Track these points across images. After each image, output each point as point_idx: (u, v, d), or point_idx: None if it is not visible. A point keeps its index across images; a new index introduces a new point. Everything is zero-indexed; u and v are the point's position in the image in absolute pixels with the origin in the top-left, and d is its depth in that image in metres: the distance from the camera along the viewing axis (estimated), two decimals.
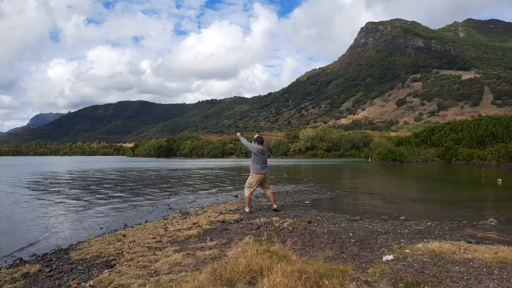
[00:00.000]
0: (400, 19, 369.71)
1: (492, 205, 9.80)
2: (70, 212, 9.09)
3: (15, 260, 4.90)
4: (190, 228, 6.26)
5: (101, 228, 7.04)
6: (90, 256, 4.74)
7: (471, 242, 4.91)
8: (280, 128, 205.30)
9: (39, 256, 5.09)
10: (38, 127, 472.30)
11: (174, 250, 4.77)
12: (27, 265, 4.50)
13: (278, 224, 6.43)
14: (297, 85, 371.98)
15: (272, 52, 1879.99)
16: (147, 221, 7.47)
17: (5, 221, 7.99)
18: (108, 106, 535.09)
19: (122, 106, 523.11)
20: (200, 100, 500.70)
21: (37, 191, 14.24)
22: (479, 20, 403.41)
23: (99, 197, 12.10)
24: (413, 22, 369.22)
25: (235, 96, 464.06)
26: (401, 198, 10.95)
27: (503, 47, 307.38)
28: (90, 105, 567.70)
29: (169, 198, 11.64)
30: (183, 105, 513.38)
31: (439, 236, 5.41)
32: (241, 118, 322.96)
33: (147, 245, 5.14)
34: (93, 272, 4.01)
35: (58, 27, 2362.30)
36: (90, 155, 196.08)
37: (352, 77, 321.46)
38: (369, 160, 56.92)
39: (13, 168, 38.68)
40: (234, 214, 7.66)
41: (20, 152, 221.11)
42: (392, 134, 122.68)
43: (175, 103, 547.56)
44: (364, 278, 3.35)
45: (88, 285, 3.53)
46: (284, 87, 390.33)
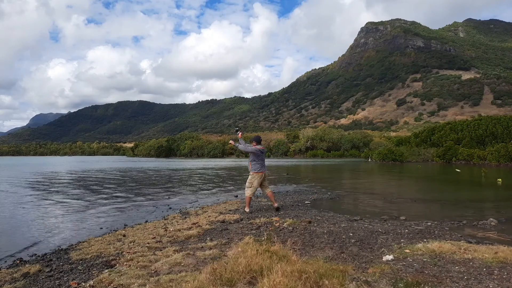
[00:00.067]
0: (400, 19, 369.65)
1: (492, 205, 9.80)
2: (70, 212, 9.09)
3: (15, 260, 4.90)
4: (190, 228, 6.26)
5: (101, 228, 7.05)
6: (90, 256, 4.74)
7: (471, 242, 4.91)
8: (280, 128, 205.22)
9: (39, 256, 5.09)
10: (38, 127, 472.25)
11: (174, 250, 4.77)
12: (27, 265, 4.50)
13: (278, 224, 6.43)
14: (297, 85, 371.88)
15: (272, 52, 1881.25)
16: (147, 221, 7.47)
17: (5, 221, 7.99)
18: (108, 106, 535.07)
19: (122, 106, 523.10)
20: (200, 100, 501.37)
21: (37, 191, 14.24)
22: (479, 20, 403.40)
23: (99, 197, 12.10)
24: (413, 22, 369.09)
25: (235, 96, 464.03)
26: (401, 198, 10.95)
27: (503, 47, 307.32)
28: (90, 105, 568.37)
29: (169, 198, 11.63)
30: (183, 105, 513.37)
31: (439, 236, 5.41)
32: (241, 118, 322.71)
33: (147, 245, 5.14)
34: (93, 272, 4.02)
35: (58, 27, 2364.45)
36: (90, 155, 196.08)
37: (352, 77, 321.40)
38: (369, 160, 56.89)
39: (13, 168, 38.67)
40: (234, 214, 7.67)
41: (20, 152, 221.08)
42: (392, 134, 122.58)
43: (175, 103, 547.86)
44: (364, 278, 3.35)
45: (88, 285, 3.53)
46: (284, 87, 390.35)
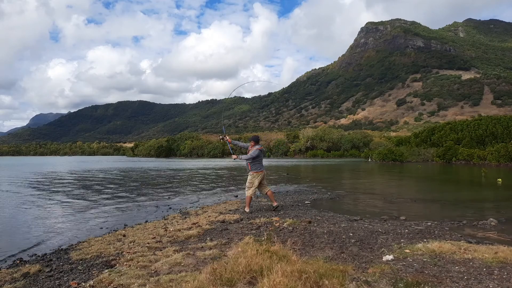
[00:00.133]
0: (400, 19, 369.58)
1: (492, 205, 9.80)
2: (70, 212, 9.10)
3: (15, 260, 4.91)
4: (190, 228, 6.26)
5: (101, 228, 7.05)
6: (90, 256, 4.74)
7: (471, 242, 4.91)
8: (280, 128, 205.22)
9: (39, 256, 5.09)
10: (38, 127, 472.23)
11: (174, 250, 4.77)
12: (27, 265, 4.50)
13: (278, 224, 6.43)
14: (297, 85, 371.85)
15: (272, 52, 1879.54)
16: (147, 221, 7.47)
17: (5, 221, 7.99)
18: (108, 106, 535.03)
19: (122, 106, 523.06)
20: (200, 100, 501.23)
21: (37, 191, 14.24)
22: (479, 20, 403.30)
23: (99, 197, 12.10)
24: (413, 22, 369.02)
25: (235, 96, 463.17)
26: (401, 198, 10.95)
27: (503, 47, 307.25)
28: (90, 105, 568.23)
29: (169, 198, 11.64)
30: (183, 105, 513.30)
31: (439, 236, 5.40)
32: (241, 118, 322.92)
33: (147, 245, 5.14)
34: (93, 272, 4.01)
35: (58, 27, 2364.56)
36: (90, 155, 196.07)
37: (352, 77, 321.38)
38: (369, 160, 56.89)
39: (13, 168, 38.67)
40: (234, 214, 7.67)
41: (20, 152, 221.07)
42: (392, 134, 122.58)
43: (175, 103, 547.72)
44: (364, 278, 3.35)
45: (88, 285, 3.53)
46: (284, 87, 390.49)
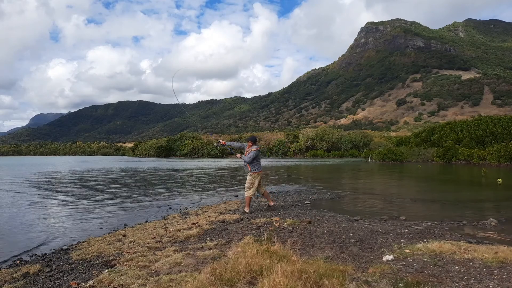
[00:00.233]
0: (400, 19, 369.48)
1: (492, 205, 9.80)
2: (70, 212, 9.10)
3: (15, 260, 4.91)
4: (190, 228, 6.26)
5: (101, 228, 7.05)
6: (90, 256, 4.74)
7: (471, 242, 4.91)
8: (280, 128, 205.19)
9: (39, 256, 5.09)
10: (38, 127, 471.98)
11: (174, 250, 4.77)
12: (27, 265, 4.50)
13: (278, 224, 6.43)
14: (297, 85, 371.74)
15: (272, 52, 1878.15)
16: (147, 221, 7.48)
17: (5, 221, 7.99)
18: (108, 106, 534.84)
19: (122, 106, 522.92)
20: (200, 100, 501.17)
21: (37, 191, 14.24)
22: (479, 20, 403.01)
23: (99, 197, 12.10)
24: (413, 22, 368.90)
25: (235, 96, 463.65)
26: (401, 198, 10.95)
27: (503, 47, 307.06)
28: (90, 105, 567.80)
29: (169, 198, 11.64)
30: (183, 105, 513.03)
31: (439, 236, 5.41)
32: (241, 118, 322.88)
33: (147, 245, 5.14)
34: (93, 272, 4.02)
35: (58, 27, 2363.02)
36: (90, 155, 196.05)
37: (352, 77, 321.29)
38: (369, 160, 56.89)
39: (14, 168, 38.67)
40: (234, 214, 7.67)
41: (20, 152, 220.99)
42: (392, 134, 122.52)
43: (175, 103, 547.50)
44: (364, 278, 3.35)
45: (88, 285, 3.53)
46: (284, 87, 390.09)
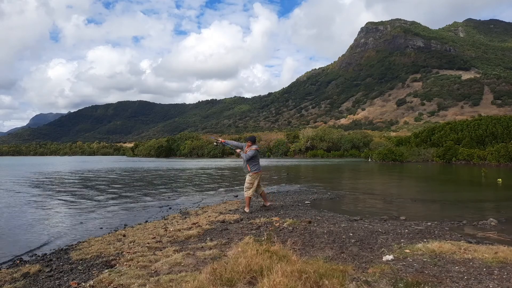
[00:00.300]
0: (400, 19, 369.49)
1: (492, 205, 9.80)
2: (70, 212, 9.09)
3: (15, 260, 4.91)
4: (190, 228, 6.26)
5: (101, 228, 7.05)
6: (90, 256, 4.74)
7: (471, 242, 4.91)
8: (280, 128, 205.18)
9: (39, 256, 5.09)
10: (38, 127, 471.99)
11: (174, 250, 4.77)
12: (27, 265, 4.50)
13: (278, 224, 6.43)
14: (297, 85, 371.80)
15: (272, 52, 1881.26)
16: (147, 221, 7.48)
17: (5, 221, 7.99)
18: (108, 106, 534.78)
19: (122, 106, 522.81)
20: (200, 100, 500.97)
21: (37, 192, 14.24)
22: (479, 20, 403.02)
23: (99, 197, 12.10)
24: (413, 22, 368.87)
25: (235, 96, 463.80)
26: (401, 198, 10.95)
27: (503, 47, 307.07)
28: (90, 105, 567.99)
29: (169, 198, 11.63)
30: (183, 105, 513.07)
31: (439, 236, 5.40)
32: (241, 118, 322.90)
33: (147, 245, 5.14)
34: (93, 272, 4.02)
35: (58, 27, 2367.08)
36: (90, 155, 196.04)
37: (352, 77, 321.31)
38: (369, 160, 56.89)
39: (14, 168, 38.66)
40: (234, 214, 7.67)
41: (20, 152, 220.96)
42: (392, 134, 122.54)
43: (175, 103, 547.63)
44: (364, 278, 3.35)
45: (88, 285, 3.53)
46: (284, 87, 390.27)
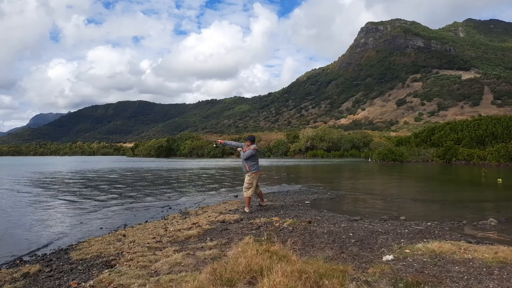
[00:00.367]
0: (400, 19, 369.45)
1: (492, 205, 9.80)
2: (70, 212, 9.10)
3: (15, 260, 4.91)
4: (190, 228, 6.26)
5: (101, 228, 7.05)
6: (90, 256, 4.74)
7: (471, 242, 4.91)
8: (280, 128, 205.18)
9: (39, 256, 5.09)
10: (38, 127, 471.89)
11: (174, 250, 4.77)
12: (27, 265, 4.50)
13: (278, 224, 6.43)
14: (297, 85, 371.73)
15: (272, 52, 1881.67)
16: (147, 221, 7.48)
17: (5, 221, 7.99)
18: (108, 106, 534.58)
19: (122, 106, 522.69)
20: (200, 100, 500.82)
21: (37, 192, 14.24)
22: (479, 20, 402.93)
23: (99, 197, 12.10)
24: (413, 22, 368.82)
25: (235, 96, 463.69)
26: (401, 198, 10.95)
27: (503, 47, 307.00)
28: (90, 105, 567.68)
29: (170, 199, 11.63)
30: (183, 105, 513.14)
31: (439, 236, 5.41)
32: (241, 118, 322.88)
33: (147, 245, 5.14)
34: (93, 272, 4.02)
35: (58, 27, 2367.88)
36: (90, 155, 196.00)
37: (352, 77, 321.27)
38: (369, 160, 56.90)
39: (14, 168, 38.66)
40: (234, 214, 7.67)
41: (20, 152, 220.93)
42: (392, 134, 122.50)
43: (175, 103, 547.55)
44: (364, 278, 3.34)
45: (88, 285, 3.53)
46: (284, 87, 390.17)
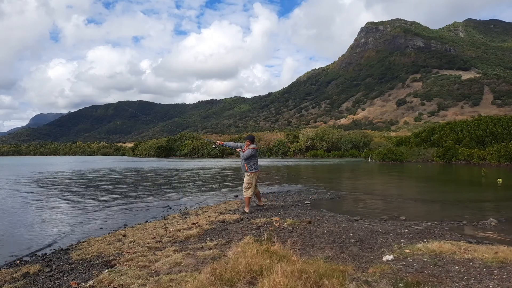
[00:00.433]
0: (400, 19, 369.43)
1: (492, 205, 9.80)
2: (70, 212, 9.09)
3: (15, 260, 4.91)
4: (190, 228, 6.26)
5: (101, 228, 7.05)
6: (90, 256, 4.74)
7: (471, 242, 4.91)
8: (280, 128, 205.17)
9: (39, 256, 5.09)
10: (38, 127, 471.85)
11: (174, 250, 4.77)
12: (27, 265, 4.50)
13: (278, 224, 6.43)
14: (297, 85, 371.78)
15: (272, 52, 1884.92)
16: (147, 221, 7.47)
17: (5, 221, 7.99)
18: (108, 106, 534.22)
19: (122, 106, 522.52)
20: (200, 100, 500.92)
21: (37, 192, 14.23)
22: (479, 20, 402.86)
23: (99, 198, 12.10)
24: (413, 22, 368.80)
25: (235, 96, 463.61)
26: (401, 198, 10.95)
27: (503, 47, 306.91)
28: (90, 105, 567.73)
29: (170, 198, 11.63)
30: (183, 105, 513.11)
31: (439, 236, 5.40)
32: (241, 118, 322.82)
33: (147, 245, 5.14)
34: (93, 272, 4.02)
35: (58, 27, 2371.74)
36: (90, 155, 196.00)
37: (352, 77, 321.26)
38: (369, 160, 56.90)
39: (14, 168, 38.65)
40: (234, 214, 7.67)
41: (20, 152, 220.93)
42: (392, 134, 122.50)
43: (175, 103, 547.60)
44: (364, 278, 3.34)
45: (88, 285, 3.53)
46: (284, 87, 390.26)
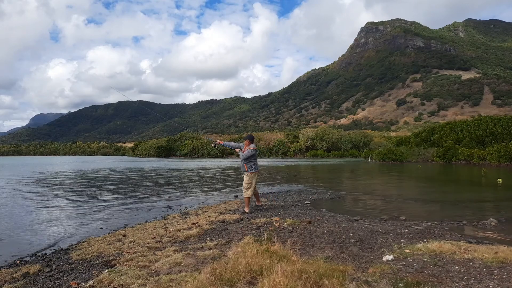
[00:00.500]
0: (400, 19, 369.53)
1: (492, 205, 9.80)
2: (70, 212, 9.09)
3: (15, 260, 4.91)
4: (190, 228, 6.26)
5: (101, 228, 7.05)
6: (90, 256, 4.74)
7: (471, 242, 4.91)
8: (280, 128, 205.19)
9: (39, 256, 5.09)
10: (38, 127, 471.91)
11: (174, 250, 4.77)
12: (27, 265, 4.50)
13: (278, 224, 6.43)
14: (297, 85, 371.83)
15: (272, 52, 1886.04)
16: (147, 221, 7.47)
17: (5, 221, 7.99)
18: (108, 106, 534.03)
19: (122, 106, 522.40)
20: (200, 100, 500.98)
21: (37, 192, 14.23)
22: (479, 20, 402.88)
23: (99, 197, 12.10)
24: (413, 22, 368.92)
25: (235, 96, 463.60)
26: (401, 198, 10.95)
27: (503, 47, 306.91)
28: (90, 105, 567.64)
29: (170, 199, 11.63)
30: (183, 105, 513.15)
31: (439, 236, 5.40)
32: (241, 118, 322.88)
33: (147, 245, 5.14)
34: (93, 272, 4.02)
35: (58, 27, 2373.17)
36: (90, 155, 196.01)
37: (352, 77, 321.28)
38: (369, 160, 56.90)
39: (13, 168, 38.65)
40: (234, 214, 7.67)
41: (20, 152, 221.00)
42: (392, 134, 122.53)
43: (175, 103, 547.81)
44: (364, 278, 3.34)
45: (88, 285, 3.53)
46: (284, 87, 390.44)
